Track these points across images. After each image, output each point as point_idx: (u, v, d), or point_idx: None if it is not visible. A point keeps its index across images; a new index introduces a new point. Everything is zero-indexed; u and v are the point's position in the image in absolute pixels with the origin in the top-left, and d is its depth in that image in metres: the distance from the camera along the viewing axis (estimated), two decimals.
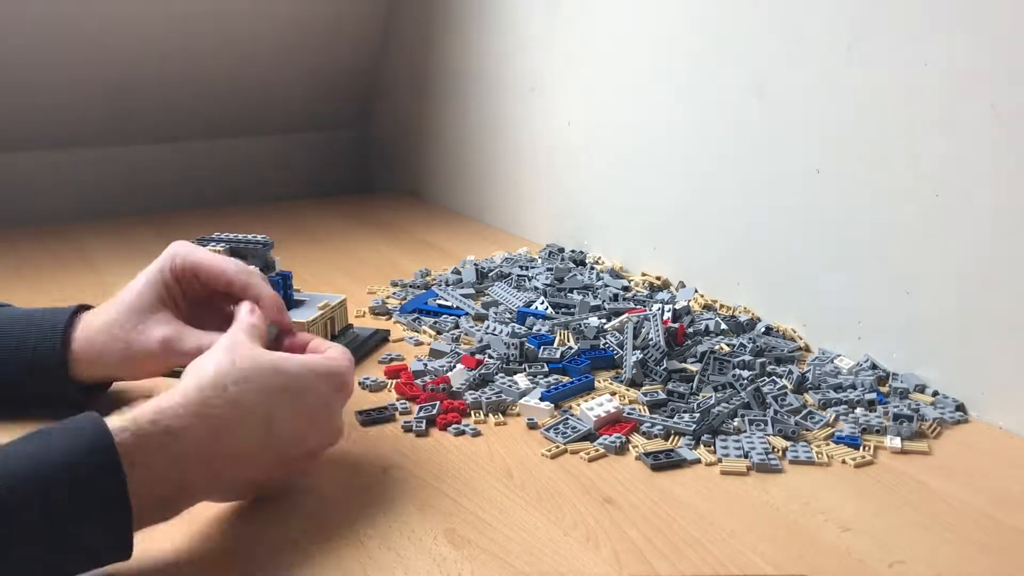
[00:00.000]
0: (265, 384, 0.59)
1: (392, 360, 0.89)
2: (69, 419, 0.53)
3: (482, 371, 0.83)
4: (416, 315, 1.00)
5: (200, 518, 0.62)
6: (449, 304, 1.03)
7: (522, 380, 0.82)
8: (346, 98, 1.80)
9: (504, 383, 0.82)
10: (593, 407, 0.76)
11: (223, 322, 0.69)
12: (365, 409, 0.77)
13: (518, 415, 0.78)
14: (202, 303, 0.74)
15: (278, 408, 0.60)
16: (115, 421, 0.53)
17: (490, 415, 0.78)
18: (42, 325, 0.73)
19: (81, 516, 0.50)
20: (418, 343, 0.94)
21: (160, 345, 0.70)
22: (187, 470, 0.55)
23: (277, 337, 0.70)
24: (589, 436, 0.74)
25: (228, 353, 0.60)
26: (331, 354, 0.66)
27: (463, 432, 0.75)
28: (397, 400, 0.80)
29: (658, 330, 0.88)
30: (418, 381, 0.83)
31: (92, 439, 0.52)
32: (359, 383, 0.83)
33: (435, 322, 0.98)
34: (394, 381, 0.84)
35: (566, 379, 0.83)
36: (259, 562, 0.58)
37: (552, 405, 0.78)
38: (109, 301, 0.73)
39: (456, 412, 0.77)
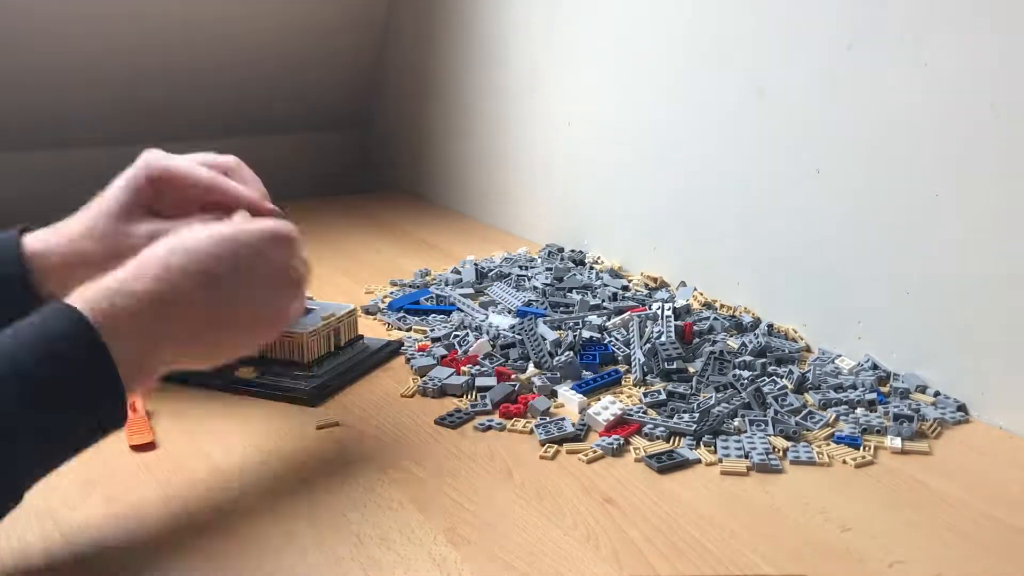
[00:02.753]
0: (202, 246, 0.60)
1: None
2: (38, 312, 0.55)
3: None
4: (402, 314, 1.01)
5: (200, 517, 0.62)
6: (450, 302, 1.03)
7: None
8: (346, 98, 1.80)
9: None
10: (600, 411, 0.76)
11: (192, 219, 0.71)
12: (441, 416, 0.78)
13: (527, 415, 0.78)
14: (172, 207, 0.72)
15: (218, 267, 0.60)
16: (85, 295, 0.56)
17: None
18: None
19: (71, 390, 0.53)
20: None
21: (149, 240, 0.66)
22: (148, 325, 0.57)
23: None
24: (576, 436, 0.74)
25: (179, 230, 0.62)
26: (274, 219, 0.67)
27: (489, 427, 0.76)
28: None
29: (669, 327, 0.88)
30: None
31: (64, 319, 0.54)
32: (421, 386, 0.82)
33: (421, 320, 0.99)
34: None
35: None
36: (258, 561, 0.58)
37: (584, 398, 0.79)
38: (80, 213, 0.73)
39: (523, 406, 0.79)
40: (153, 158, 0.72)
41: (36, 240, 0.71)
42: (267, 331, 0.65)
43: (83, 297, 0.56)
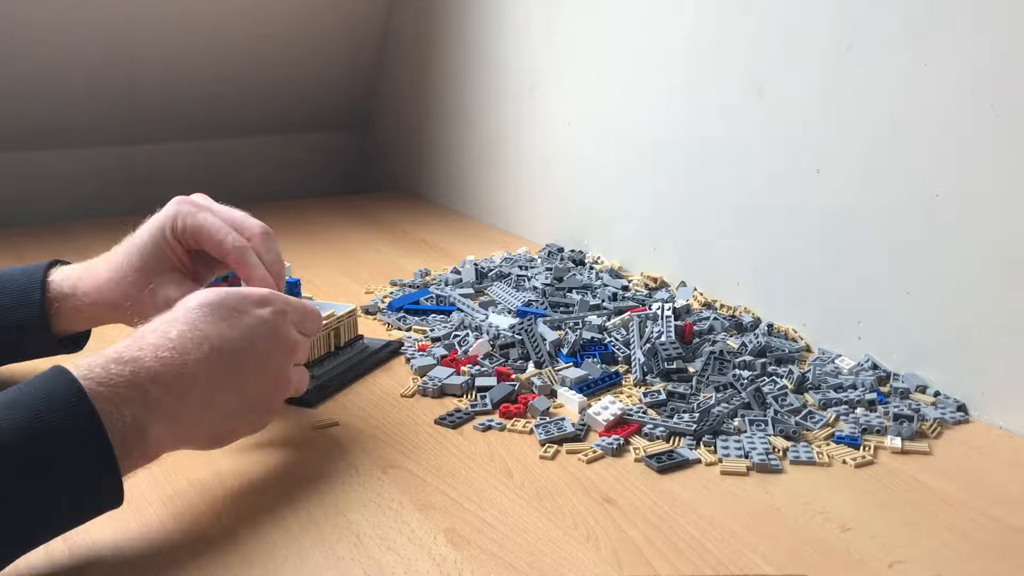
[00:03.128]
0: (198, 317, 0.61)
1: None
2: (33, 378, 0.54)
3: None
4: (401, 314, 1.01)
5: (199, 517, 0.62)
6: (449, 302, 1.03)
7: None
8: (346, 98, 1.80)
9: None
10: (599, 411, 0.76)
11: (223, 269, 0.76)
12: (441, 415, 0.78)
13: (527, 415, 0.78)
14: (206, 257, 0.75)
15: (217, 336, 0.61)
16: (79, 370, 0.55)
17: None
18: (16, 283, 0.74)
19: (62, 466, 0.52)
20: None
21: (167, 304, 0.67)
22: (147, 403, 0.56)
23: None
24: (576, 436, 0.74)
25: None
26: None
27: (489, 427, 0.76)
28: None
29: (669, 327, 0.88)
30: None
31: (64, 389, 0.53)
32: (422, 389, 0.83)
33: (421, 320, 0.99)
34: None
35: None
36: (258, 562, 0.58)
37: (585, 398, 0.79)
38: (115, 253, 0.74)
39: (524, 406, 0.79)
40: (184, 213, 0.73)
41: (65, 279, 0.75)
42: (269, 405, 0.65)
43: (85, 369, 0.55)
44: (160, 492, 0.66)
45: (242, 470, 0.69)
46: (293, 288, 0.86)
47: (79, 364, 0.55)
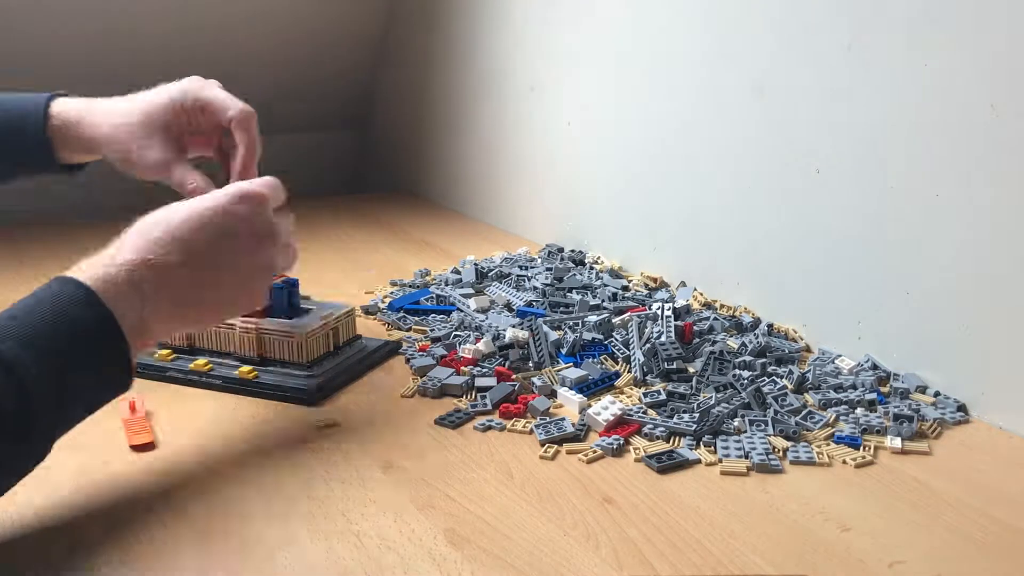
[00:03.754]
0: (176, 219, 0.67)
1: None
2: (44, 288, 0.60)
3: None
4: (401, 314, 1.01)
5: (199, 517, 0.62)
6: (449, 302, 1.03)
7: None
8: (346, 98, 1.80)
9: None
10: (600, 411, 0.76)
11: (215, 151, 0.88)
12: (441, 415, 0.78)
13: (527, 415, 0.78)
14: (194, 134, 0.85)
15: (193, 234, 0.66)
16: (87, 272, 0.61)
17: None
18: (18, 106, 0.83)
19: (82, 358, 0.58)
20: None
21: (155, 165, 0.81)
22: (141, 292, 0.62)
23: None
24: (576, 436, 0.74)
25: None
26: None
27: (489, 427, 0.76)
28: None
29: (669, 327, 0.88)
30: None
31: (72, 293, 0.59)
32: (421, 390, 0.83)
33: (421, 320, 0.99)
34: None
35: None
36: (258, 561, 0.58)
37: (585, 398, 0.79)
38: (116, 102, 0.84)
39: (524, 406, 0.79)
40: (194, 87, 0.84)
41: (70, 109, 0.82)
42: (253, 290, 0.70)
43: (85, 272, 0.60)
44: (160, 492, 0.66)
45: (242, 470, 0.69)
46: (292, 288, 0.86)
47: (81, 270, 0.61)
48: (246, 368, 0.83)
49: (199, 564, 0.57)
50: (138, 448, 0.71)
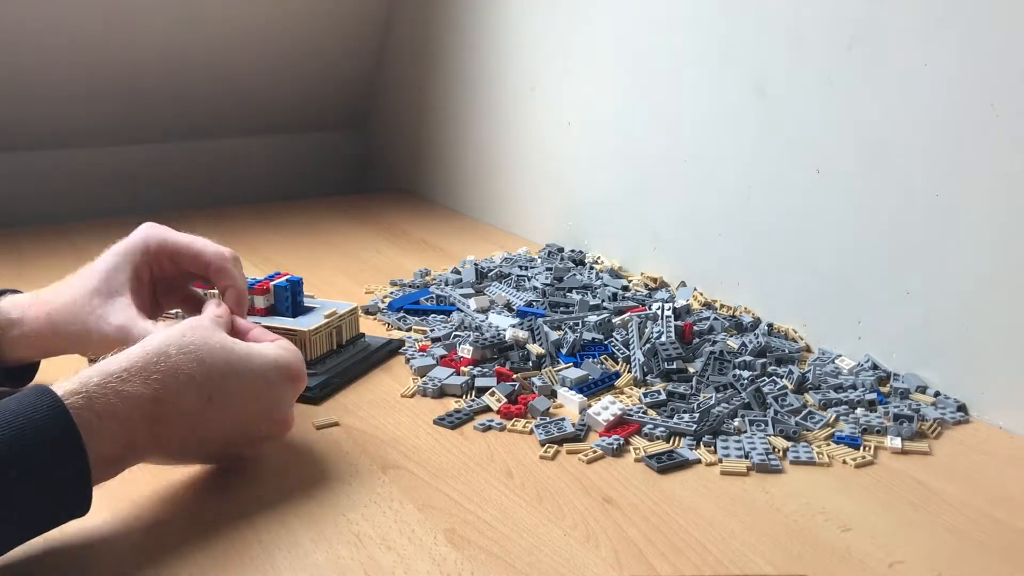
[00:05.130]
0: (208, 357, 0.61)
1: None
2: (18, 393, 0.55)
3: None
4: (401, 314, 1.01)
5: (198, 517, 0.62)
6: (449, 302, 1.03)
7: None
8: (346, 98, 1.80)
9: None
10: (600, 411, 0.76)
11: (181, 301, 0.78)
12: (441, 416, 0.78)
13: (527, 415, 0.78)
14: (165, 281, 0.77)
15: (221, 383, 0.62)
16: (65, 387, 0.55)
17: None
18: None
19: (43, 482, 0.53)
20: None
21: (116, 331, 0.71)
22: (133, 429, 0.57)
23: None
24: (576, 436, 0.74)
25: (182, 327, 0.63)
26: (282, 343, 0.68)
27: (489, 427, 0.76)
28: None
29: (669, 327, 0.88)
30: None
31: (48, 408, 0.53)
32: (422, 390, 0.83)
33: (422, 320, 0.99)
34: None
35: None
36: (257, 562, 0.58)
37: (585, 398, 0.79)
38: (70, 280, 0.74)
39: (524, 406, 0.79)
40: (156, 233, 0.75)
41: (13, 307, 0.74)
42: (242, 449, 0.67)
43: (71, 390, 0.55)
44: (160, 492, 0.66)
45: (242, 470, 0.69)
46: (296, 286, 0.86)
47: (71, 391, 0.56)
48: None
49: (199, 564, 0.57)
50: None
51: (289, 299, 0.86)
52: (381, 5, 1.67)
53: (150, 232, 0.74)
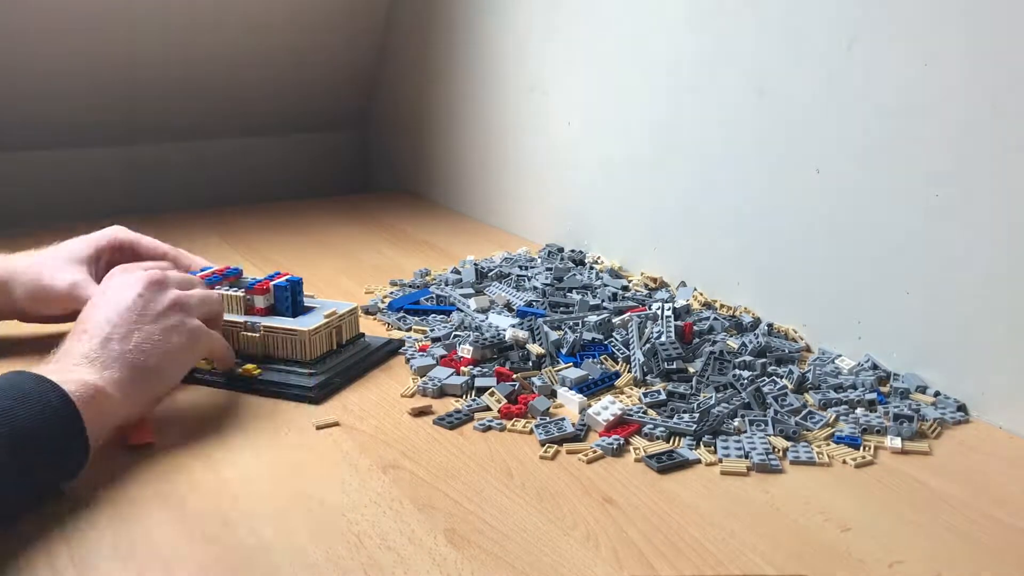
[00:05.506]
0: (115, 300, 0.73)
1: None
2: (15, 378, 0.62)
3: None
4: (401, 314, 1.01)
5: (198, 516, 0.62)
6: (449, 302, 1.03)
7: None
8: (346, 98, 1.80)
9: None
10: (600, 411, 0.76)
11: None
12: (441, 416, 0.78)
13: (527, 415, 0.78)
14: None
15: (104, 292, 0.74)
16: (57, 377, 0.63)
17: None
18: None
19: (48, 460, 0.61)
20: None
21: (68, 287, 0.82)
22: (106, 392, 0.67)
23: None
24: (576, 436, 0.74)
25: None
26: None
27: (489, 427, 0.76)
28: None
29: (669, 327, 0.88)
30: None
31: (57, 402, 0.62)
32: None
33: (422, 320, 0.99)
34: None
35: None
36: (258, 562, 0.58)
37: (585, 398, 0.79)
38: (36, 255, 0.87)
39: (524, 406, 0.79)
40: (122, 232, 0.87)
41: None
42: (185, 354, 0.75)
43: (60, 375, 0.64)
44: (160, 492, 0.66)
45: (242, 470, 0.69)
46: (296, 286, 0.87)
47: (57, 370, 0.66)
48: (250, 366, 0.83)
49: (198, 562, 0.57)
50: (138, 447, 0.71)
51: (289, 299, 0.86)
52: (381, 5, 1.67)
53: (117, 234, 0.87)
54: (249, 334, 0.84)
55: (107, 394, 0.66)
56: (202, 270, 0.89)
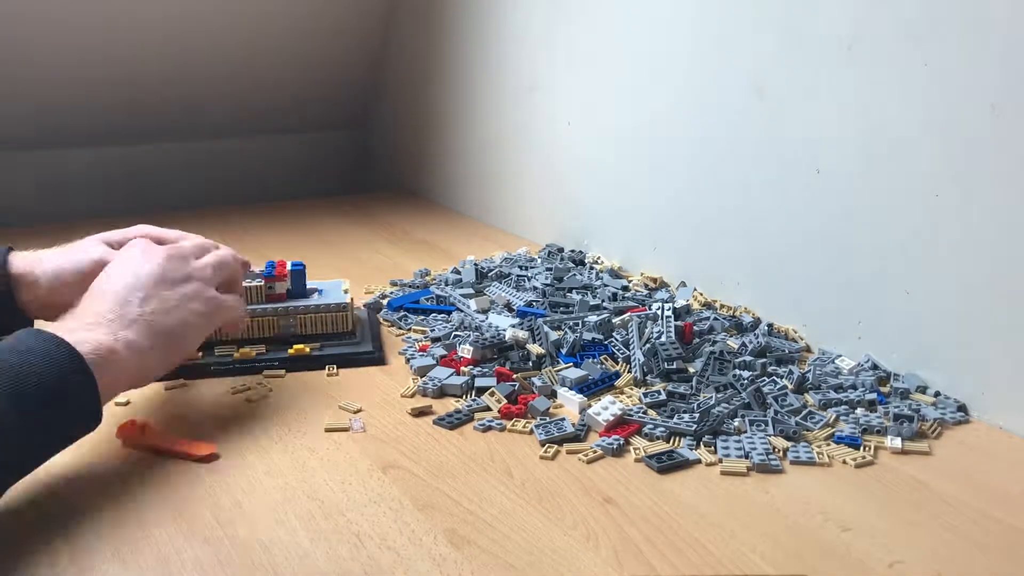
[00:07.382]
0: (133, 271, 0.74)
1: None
2: (25, 336, 0.63)
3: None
4: (402, 313, 1.01)
5: (198, 516, 0.62)
6: (449, 302, 1.03)
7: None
8: (346, 98, 1.80)
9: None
10: (600, 411, 0.76)
11: None
12: (441, 416, 0.78)
13: (527, 415, 0.78)
14: None
15: (118, 262, 0.75)
16: (69, 336, 0.64)
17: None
18: None
19: (60, 416, 0.62)
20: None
21: (93, 262, 0.79)
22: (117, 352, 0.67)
23: None
24: (576, 436, 0.74)
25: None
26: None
27: (489, 427, 0.76)
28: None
29: (669, 327, 0.88)
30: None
31: (69, 359, 0.62)
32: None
33: (423, 319, 1.00)
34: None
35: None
36: (258, 562, 0.58)
37: (585, 398, 0.79)
38: (63, 249, 0.84)
39: (524, 406, 0.79)
40: (149, 228, 0.86)
41: (24, 262, 0.81)
42: (202, 322, 0.75)
43: (73, 336, 0.64)
44: (161, 492, 0.66)
45: (243, 470, 0.69)
46: (299, 272, 0.92)
47: (69, 329, 0.65)
48: (301, 346, 0.88)
49: (198, 562, 0.57)
50: (202, 460, 0.70)
51: (303, 283, 0.92)
52: (381, 5, 1.67)
53: (143, 227, 0.85)
54: (287, 320, 0.89)
55: (120, 356, 0.66)
56: (268, 272, 0.92)
